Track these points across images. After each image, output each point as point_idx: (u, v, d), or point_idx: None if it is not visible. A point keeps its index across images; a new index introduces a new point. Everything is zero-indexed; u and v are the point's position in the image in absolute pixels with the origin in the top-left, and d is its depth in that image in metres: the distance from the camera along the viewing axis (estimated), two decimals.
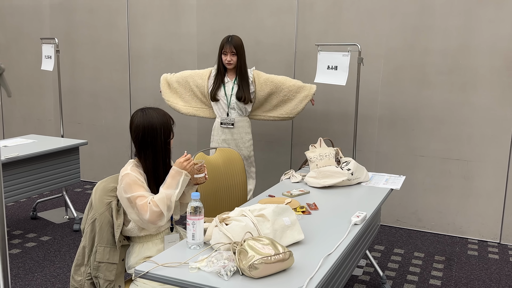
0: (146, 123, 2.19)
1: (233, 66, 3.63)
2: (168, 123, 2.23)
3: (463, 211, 4.05)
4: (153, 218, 2.06)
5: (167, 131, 2.22)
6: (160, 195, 2.09)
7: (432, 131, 4.04)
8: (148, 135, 2.18)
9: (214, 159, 2.91)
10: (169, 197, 2.09)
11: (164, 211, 2.07)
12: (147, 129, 2.18)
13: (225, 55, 3.59)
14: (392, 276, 3.33)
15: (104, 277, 2.16)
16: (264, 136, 4.59)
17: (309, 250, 1.89)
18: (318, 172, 2.81)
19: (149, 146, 2.19)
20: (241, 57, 3.60)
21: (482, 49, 3.81)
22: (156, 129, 2.18)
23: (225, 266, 1.66)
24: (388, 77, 4.11)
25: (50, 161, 3.84)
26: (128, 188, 2.09)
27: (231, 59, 3.58)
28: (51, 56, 4.36)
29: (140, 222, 2.11)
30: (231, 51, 3.57)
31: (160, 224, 2.11)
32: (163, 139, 2.20)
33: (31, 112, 5.75)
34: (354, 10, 4.12)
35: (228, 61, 3.59)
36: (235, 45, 3.56)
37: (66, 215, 4.39)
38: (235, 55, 3.58)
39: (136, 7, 4.96)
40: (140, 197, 2.08)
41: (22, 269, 3.32)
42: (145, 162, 2.19)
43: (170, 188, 2.11)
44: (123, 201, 2.12)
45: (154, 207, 2.06)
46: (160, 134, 2.19)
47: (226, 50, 3.58)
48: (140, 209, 2.07)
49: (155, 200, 2.08)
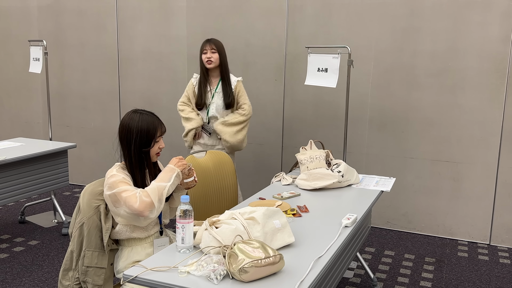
0: (126, 124, 2.15)
1: (214, 65, 3.50)
2: (150, 132, 2.14)
3: (453, 213, 4.07)
4: (142, 207, 2.00)
5: (144, 139, 2.13)
6: (152, 186, 2.06)
7: (421, 133, 4.06)
8: (124, 137, 2.15)
9: (204, 162, 2.89)
10: (160, 188, 2.06)
11: (155, 201, 2.03)
12: (124, 131, 2.15)
13: (205, 54, 3.48)
14: (383, 278, 3.33)
15: (92, 281, 2.13)
16: (255, 139, 4.58)
17: (300, 253, 1.88)
18: (309, 174, 2.81)
19: (125, 148, 2.16)
20: (222, 56, 3.50)
21: (471, 51, 3.83)
22: (132, 133, 2.12)
23: (215, 270, 1.64)
24: (378, 79, 4.12)
25: (38, 164, 3.80)
26: (114, 184, 2.06)
27: (211, 55, 3.45)
28: (39, 58, 4.32)
29: (129, 217, 2.04)
30: (211, 48, 3.46)
31: (150, 217, 2.04)
32: (138, 145, 2.13)
33: (19, 115, 5.69)
34: (344, 12, 4.13)
35: (208, 58, 3.46)
36: (215, 43, 3.48)
37: (55, 219, 4.34)
38: (215, 52, 3.47)
39: (126, 9, 4.93)
40: (126, 191, 2.03)
41: (10, 274, 3.28)
42: (126, 164, 2.17)
43: (162, 181, 2.08)
44: (109, 200, 2.07)
45: (145, 197, 2.02)
46: (136, 139, 2.12)
47: (205, 48, 3.47)
48: (128, 200, 2.01)
49: (145, 190, 2.04)
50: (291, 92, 4.40)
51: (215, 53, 3.47)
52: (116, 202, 2.05)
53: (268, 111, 4.50)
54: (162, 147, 2.21)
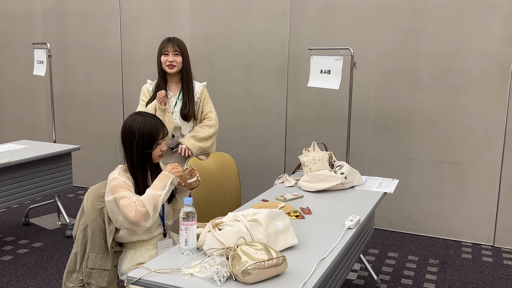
0: (128, 126, 2.16)
1: (177, 69, 3.00)
2: (152, 134, 2.14)
3: (456, 214, 4.06)
4: (137, 217, 2.01)
5: (146, 141, 2.14)
6: (147, 195, 2.06)
7: (425, 135, 4.05)
8: (127, 139, 2.16)
9: (207, 164, 2.90)
10: (155, 197, 2.06)
11: (150, 210, 2.03)
12: (127, 133, 2.16)
13: (166, 56, 2.96)
14: (386, 280, 3.33)
15: (96, 283, 2.14)
16: (258, 140, 4.59)
17: (303, 255, 1.88)
18: (312, 176, 2.81)
19: (127, 150, 2.17)
20: (186, 60, 3.01)
21: (474, 53, 3.83)
22: (134, 135, 2.13)
23: (218, 271, 1.65)
24: (381, 81, 4.12)
25: (42, 166, 3.81)
26: (114, 189, 2.07)
27: (174, 59, 2.95)
28: (43, 61, 4.34)
29: (126, 223, 2.07)
30: (173, 50, 2.95)
31: (145, 225, 2.06)
32: (140, 148, 2.14)
33: (23, 117, 5.72)
34: (347, 14, 4.13)
35: (170, 62, 2.95)
36: (178, 43, 2.97)
37: (59, 221, 4.35)
38: (178, 55, 2.96)
39: (129, 11, 4.95)
40: (124, 198, 2.04)
41: (14, 276, 3.29)
42: (128, 165, 2.17)
43: (156, 190, 2.08)
44: (109, 205, 2.08)
45: (139, 206, 2.02)
46: (138, 141, 2.13)
47: (167, 49, 2.95)
48: (124, 209, 2.02)
49: (141, 199, 2.04)
50: (294, 94, 4.40)
51: (178, 56, 2.97)
52: (115, 207, 2.07)
53: (271, 113, 4.50)
54: (164, 149, 2.22)
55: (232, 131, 4.68)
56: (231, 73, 4.60)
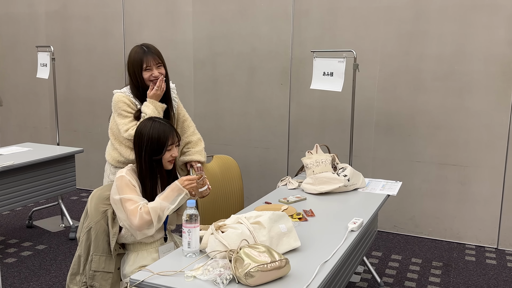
0: (138, 131, 2.17)
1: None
2: (160, 140, 2.13)
3: (460, 217, 4.05)
4: (141, 225, 2.02)
5: (155, 146, 2.13)
6: (154, 204, 2.06)
7: (428, 137, 4.04)
8: (136, 144, 2.17)
9: (211, 167, 2.90)
10: (163, 209, 2.06)
11: (154, 221, 2.04)
12: (137, 137, 2.17)
13: (150, 70, 2.53)
14: (389, 283, 3.32)
15: (99, 286, 2.15)
16: (261, 143, 4.59)
17: (306, 257, 1.88)
18: (315, 178, 2.81)
19: (137, 155, 2.17)
20: (166, 70, 2.64)
21: (477, 55, 3.82)
22: (143, 140, 2.14)
23: (221, 274, 1.65)
24: (384, 83, 4.12)
25: (46, 169, 3.82)
26: (120, 189, 2.08)
27: (159, 72, 2.55)
28: (47, 64, 4.35)
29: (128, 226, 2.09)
30: (156, 63, 2.55)
31: (147, 233, 2.07)
32: (149, 153, 2.14)
33: (26, 120, 5.74)
34: (350, 16, 4.13)
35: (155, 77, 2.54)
36: (156, 53, 2.57)
37: (62, 223, 4.36)
38: (161, 66, 2.57)
39: (132, 14, 4.97)
40: (131, 201, 2.05)
41: (18, 278, 3.30)
42: (137, 170, 2.18)
43: (166, 201, 2.07)
44: (114, 202, 2.10)
45: (145, 214, 2.02)
46: (146, 146, 2.13)
47: (149, 64, 2.52)
48: (129, 214, 2.03)
49: (147, 207, 2.05)
50: (297, 96, 4.40)
51: (160, 67, 2.58)
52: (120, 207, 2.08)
53: (274, 115, 4.50)
54: (175, 155, 2.19)
55: (235, 133, 4.68)
56: (234, 75, 4.60)
